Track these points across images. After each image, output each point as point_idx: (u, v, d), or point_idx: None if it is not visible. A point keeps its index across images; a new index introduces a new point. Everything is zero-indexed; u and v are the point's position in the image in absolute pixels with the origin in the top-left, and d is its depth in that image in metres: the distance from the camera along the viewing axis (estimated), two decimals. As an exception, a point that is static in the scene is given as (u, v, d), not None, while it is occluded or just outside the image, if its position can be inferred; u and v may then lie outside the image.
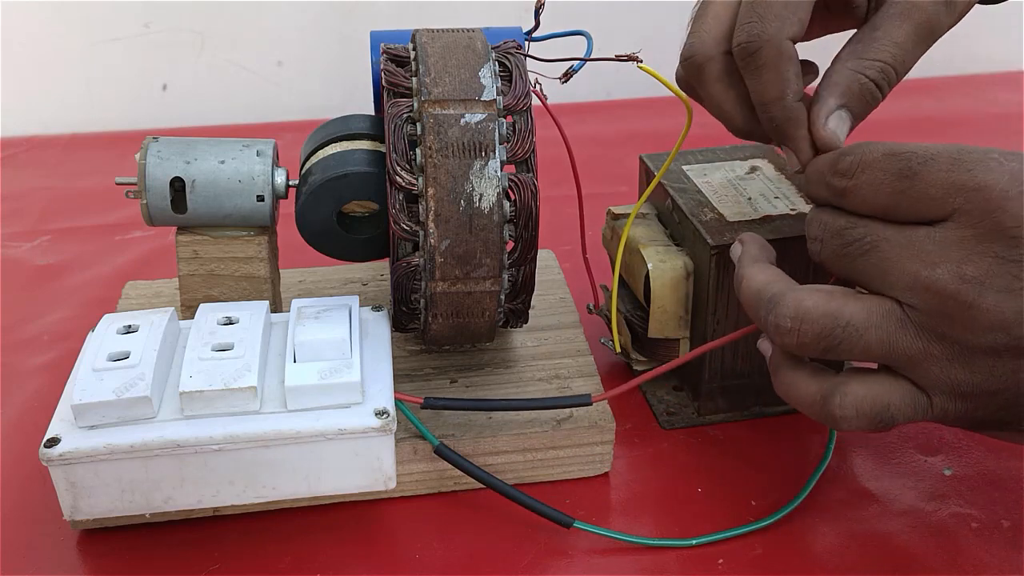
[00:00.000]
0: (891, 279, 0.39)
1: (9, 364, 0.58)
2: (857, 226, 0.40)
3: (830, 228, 0.41)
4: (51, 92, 0.90)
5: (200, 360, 0.43)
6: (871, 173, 0.40)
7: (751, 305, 0.42)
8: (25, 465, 0.49)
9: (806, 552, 0.45)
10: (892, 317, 0.39)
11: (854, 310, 0.39)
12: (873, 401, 0.40)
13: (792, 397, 0.42)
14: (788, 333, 0.40)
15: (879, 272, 0.39)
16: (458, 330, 0.48)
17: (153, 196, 0.47)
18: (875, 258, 0.39)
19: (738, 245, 0.46)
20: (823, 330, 0.39)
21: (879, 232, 0.40)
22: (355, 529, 0.47)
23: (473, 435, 0.47)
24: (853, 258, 0.40)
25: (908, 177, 0.39)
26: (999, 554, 0.45)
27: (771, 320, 0.40)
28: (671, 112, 0.76)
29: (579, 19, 0.54)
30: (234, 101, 0.92)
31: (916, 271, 0.38)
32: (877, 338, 0.39)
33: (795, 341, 0.40)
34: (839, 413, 0.40)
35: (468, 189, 0.44)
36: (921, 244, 0.38)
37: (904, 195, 0.39)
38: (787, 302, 0.40)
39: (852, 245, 0.40)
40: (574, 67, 0.48)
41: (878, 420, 0.40)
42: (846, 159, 0.41)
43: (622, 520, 0.47)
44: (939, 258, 0.38)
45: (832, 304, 0.40)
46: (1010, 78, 0.95)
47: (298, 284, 0.59)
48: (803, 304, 0.40)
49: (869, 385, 0.40)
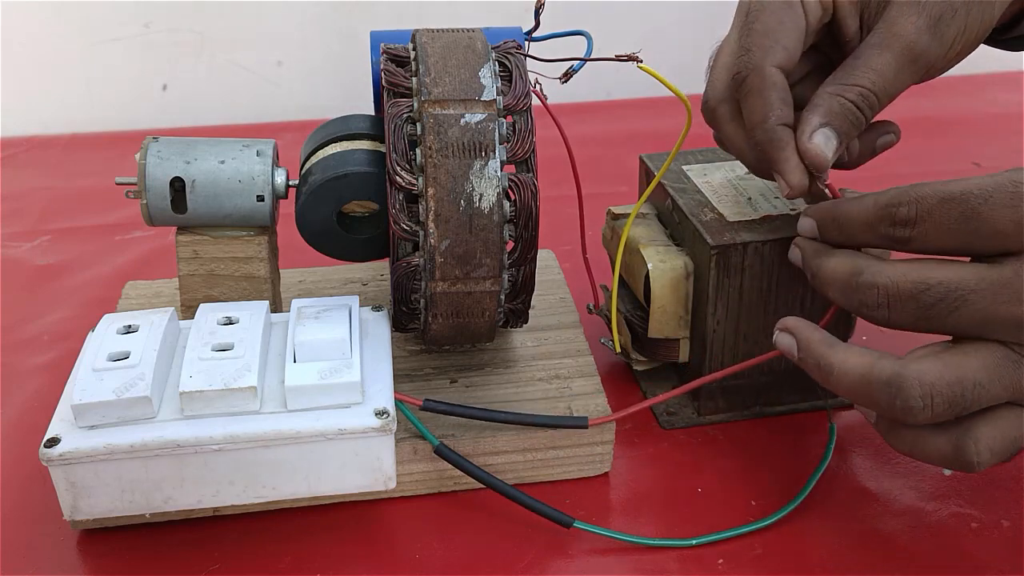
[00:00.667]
0: (992, 327, 0.39)
1: (9, 364, 0.58)
2: (931, 285, 0.40)
3: (896, 294, 0.40)
4: (51, 92, 0.90)
5: (200, 360, 0.43)
6: (932, 221, 0.40)
7: (862, 393, 0.41)
8: (25, 465, 0.49)
9: (806, 552, 0.45)
10: (1008, 361, 0.39)
11: (975, 368, 0.39)
12: (1003, 438, 0.40)
13: (919, 453, 0.42)
14: (921, 412, 0.39)
15: (977, 324, 0.39)
16: (458, 330, 0.48)
17: (153, 196, 0.47)
18: (968, 312, 0.39)
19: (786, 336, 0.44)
20: (954, 399, 0.39)
21: (963, 285, 0.39)
22: (355, 529, 0.47)
23: (473, 435, 0.47)
24: (940, 318, 0.40)
25: (972, 219, 0.39)
26: (999, 554, 0.45)
27: (898, 405, 0.39)
28: (671, 112, 0.76)
29: (579, 19, 0.54)
30: (234, 101, 0.92)
31: (1019, 313, 0.38)
32: (1002, 387, 0.39)
33: (929, 416, 0.39)
34: (976, 460, 0.40)
35: (468, 189, 0.44)
36: (1011, 284, 0.39)
37: (974, 235, 0.39)
38: (911, 384, 0.39)
39: (936, 307, 0.40)
40: (574, 67, 0.48)
41: (1009, 454, 0.41)
42: (902, 209, 0.41)
43: (622, 520, 0.47)
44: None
45: (952, 371, 0.39)
46: (1010, 78, 0.95)
47: (298, 284, 0.59)
48: (926, 379, 0.39)
49: (994, 424, 0.40)
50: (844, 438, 0.51)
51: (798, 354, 0.43)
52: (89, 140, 0.87)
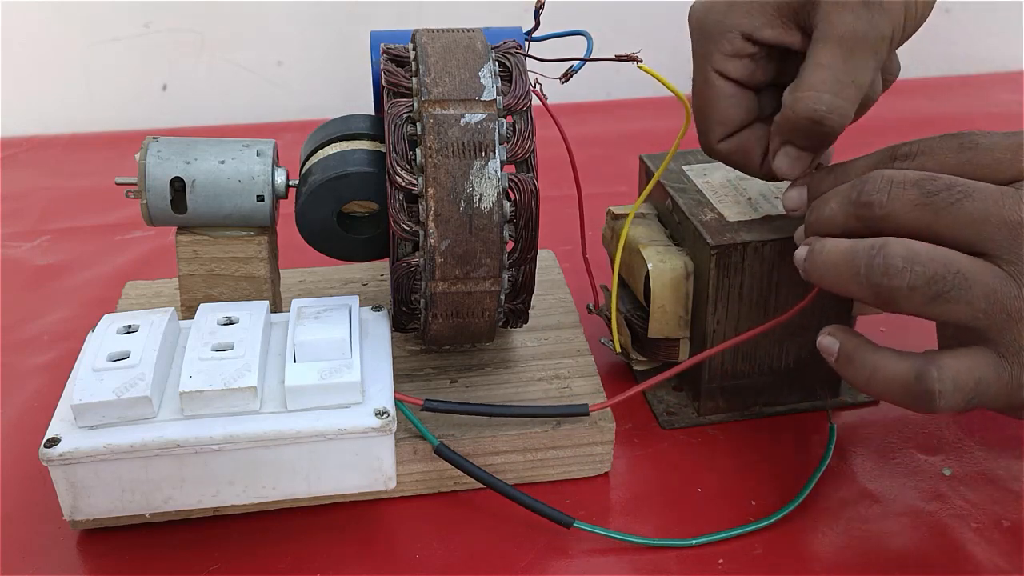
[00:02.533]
0: (988, 231, 0.38)
1: (9, 364, 0.58)
2: (939, 176, 0.39)
3: (900, 179, 0.40)
4: (51, 92, 0.90)
5: (200, 360, 0.43)
6: (931, 153, 0.41)
7: (845, 260, 0.40)
8: (25, 465, 0.49)
9: (806, 552, 0.45)
10: (997, 275, 0.38)
11: (965, 262, 0.38)
12: (967, 374, 0.39)
13: (878, 380, 0.40)
14: (899, 273, 0.38)
15: (974, 223, 0.38)
16: (458, 330, 0.48)
17: (153, 196, 0.47)
18: (970, 207, 0.38)
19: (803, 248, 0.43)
20: (935, 274, 0.38)
21: (969, 183, 0.39)
22: (355, 529, 0.47)
23: (473, 435, 0.47)
24: (941, 208, 0.39)
25: (971, 149, 0.40)
26: (999, 554, 0.45)
27: (879, 262, 0.38)
28: (671, 112, 0.76)
29: (579, 19, 0.54)
30: (234, 101, 0.92)
31: (1020, 218, 0.38)
32: (983, 292, 0.38)
33: (906, 283, 0.38)
34: (938, 387, 0.38)
35: (468, 189, 0.44)
36: (1013, 196, 0.38)
37: (970, 163, 0.40)
38: (896, 243, 0.39)
39: (940, 194, 0.39)
40: (574, 67, 0.48)
41: (971, 395, 0.39)
42: (903, 147, 0.42)
43: (622, 520, 0.47)
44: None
45: (941, 252, 0.38)
46: (1010, 78, 0.95)
47: (298, 284, 0.59)
48: (913, 247, 0.38)
49: (960, 359, 0.39)
50: (844, 438, 0.51)
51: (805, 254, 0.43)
52: (89, 140, 0.87)
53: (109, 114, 0.90)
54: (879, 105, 0.51)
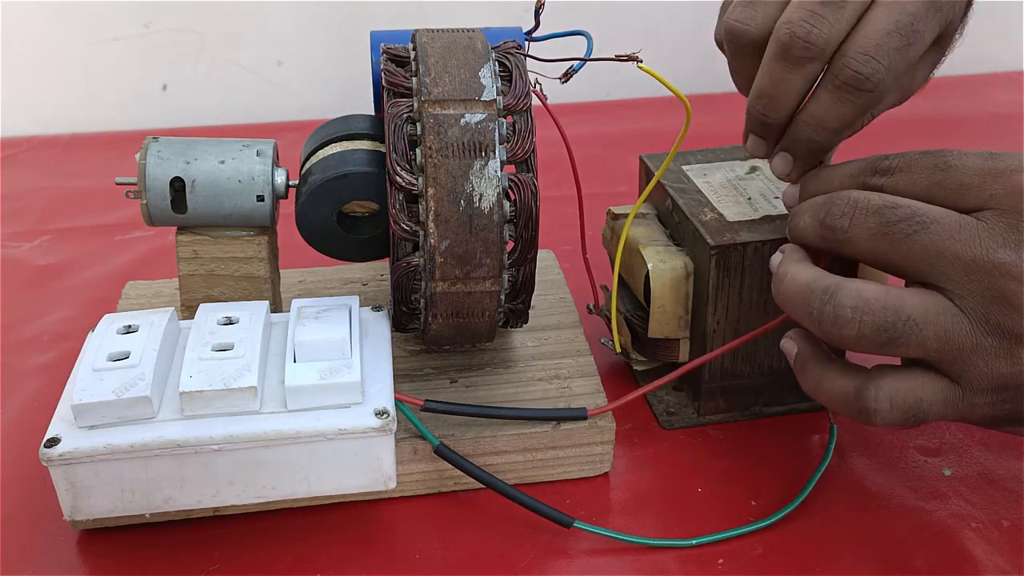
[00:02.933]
0: (942, 265, 0.39)
1: (9, 364, 0.58)
2: (901, 205, 0.40)
3: (864, 205, 0.41)
4: (51, 92, 0.90)
5: (200, 360, 0.43)
6: (908, 170, 0.41)
7: (800, 298, 0.41)
8: (25, 465, 0.49)
9: (806, 552, 0.45)
10: (948, 312, 0.39)
11: (914, 304, 0.39)
12: (907, 394, 0.40)
13: (822, 392, 0.42)
14: (848, 324, 0.39)
15: (928, 256, 0.39)
16: (458, 330, 0.48)
17: (153, 196, 0.47)
18: (925, 240, 0.39)
19: (778, 254, 0.45)
20: (884, 323, 0.39)
21: (928, 214, 0.39)
22: (355, 529, 0.47)
23: (473, 435, 0.47)
24: (897, 239, 0.40)
25: (942, 169, 0.41)
26: (999, 554, 0.45)
27: (828, 310, 0.39)
28: (671, 112, 0.76)
29: (579, 19, 0.54)
30: (234, 101, 0.92)
31: (974, 255, 0.38)
32: (934, 333, 0.39)
33: (854, 332, 0.39)
34: (873, 406, 0.40)
35: (468, 189, 0.44)
36: (972, 230, 0.39)
37: (940, 185, 0.40)
38: (846, 292, 0.39)
39: (897, 225, 0.39)
40: (574, 67, 0.48)
41: (911, 414, 0.40)
42: (886, 161, 0.42)
43: (622, 520, 0.47)
44: (994, 243, 0.38)
45: (892, 297, 0.39)
46: (1010, 78, 0.95)
47: (298, 284, 0.59)
48: (863, 294, 0.39)
49: (902, 379, 0.40)
50: (844, 438, 0.51)
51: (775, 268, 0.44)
52: (89, 140, 0.87)
53: (109, 114, 0.90)
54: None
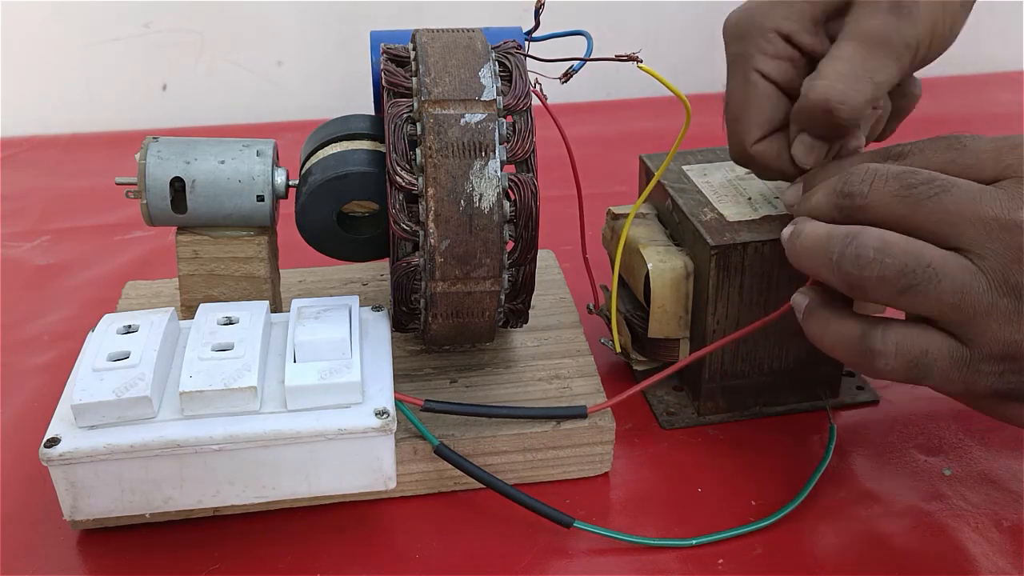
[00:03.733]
0: (963, 226, 0.39)
1: (9, 364, 0.58)
2: (920, 171, 0.40)
3: (884, 171, 0.41)
4: (51, 92, 0.90)
5: (200, 360, 0.43)
6: (921, 153, 0.42)
7: (820, 246, 0.41)
8: (25, 465, 0.49)
9: (806, 552, 0.45)
10: (968, 270, 0.39)
11: (935, 255, 0.39)
12: (914, 343, 0.40)
13: (827, 335, 0.42)
14: (870, 264, 0.39)
15: (950, 216, 0.39)
16: (458, 330, 0.48)
17: (153, 196, 0.47)
18: (946, 201, 0.39)
19: (789, 226, 0.44)
20: (905, 267, 0.38)
21: (949, 179, 0.40)
22: (355, 529, 0.47)
23: (473, 435, 0.47)
24: (918, 201, 0.39)
25: (957, 148, 0.41)
26: (999, 554, 0.45)
27: (850, 251, 0.39)
28: (671, 112, 0.76)
29: (579, 19, 0.55)
30: (234, 101, 0.92)
31: (996, 214, 0.38)
32: (951, 287, 0.39)
33: (875, 273, 0.39)
34: (879, 347, 0.40)
35: (468, 189, 0.44)
36: (991, 194, 0.39)
37: (954, 163, 0.41)
38: (869, 234, 0.39)
39: (918, 187, 0.40)
40: (574, 67, 0.48)
41: (915, 365, 0.40)
42: (896, 147, 0.43)
43: (622, 520, 0.47)
44: (1015, 205, 0.38)
45: (914, 244, 0.39)
46: (1010, 78, 0.95)
47: (298, 284, 0.59)
48: (886, 237, 0.39)
49: (911, 329, 0.40)
50: (844, 438, 0.51)
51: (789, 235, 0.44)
52: (89, 140, 0.87)
53: (109, 114, 0.90)
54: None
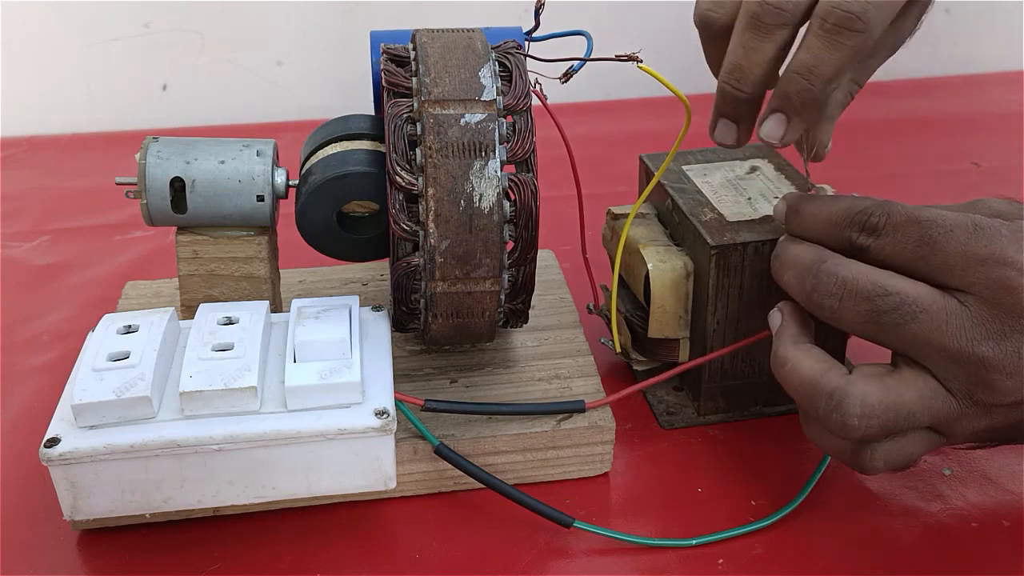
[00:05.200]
0: (931, 353, 0.41)
1: (9, 364, 0.58)
2: (891, 292, 0.41)
3: (853, 287, 0.42)
4: (51, 92, 0.90)
5: (200, 360, 0.43)
6: (893, 237, 0.42)
7: (806, 395, 0.42)
8: (25, 465, 0.49)
9: (806, 552, 0.45)
10: (938, 395, 0.41)
11: (911, 397, 0.41)
12: (899, 454, 0.43)
13: (821, 445, 0.44)
14: (855, 429, 0.41)
15: (917, 344, 0.41)
16: (458, 330, 0.48)
17: (153, 196, 0.47)
18: (915, 330, 0.41)
19: (777, 314, 0.46)
20: (887, 423, 0.41)
21: (918, 301, 0.41)
22: (355, 529, 0.47)
23: (473, 435, 0.47)
24: (888, 327, 0.41)
25: (927, 245, 0.41)
26: (999, 554, 0.45)
27: (835, 418, 0.41)
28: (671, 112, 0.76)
29: (579, 19, 0.55)
30: (234, 101, 0.92)
31: (960, 347, 0.40)
32: (929, 416, 0.41)
33: (861, 435, 0.41)
34: (869, 466, 0.42)
35: (468, 189, 0.44)
36: (958, 319, 0.40)
37: (924, 261, 0.41)
38: (852, 401, 0.41)
39: (889, 314, 0.41)
40: (574, 67, 0.48)
41: (903, 466, 0.43)
42: (874, 218, 0.42)
43: (622, 520, 0.47)
44: (978, 334, 0.40)
45: (892, 396, 0.41)
46: (1010, 78, 0.95)
47: (298, 284, 0.59)
48: (867, 401, 0.41)
49: (896, 441, 0.42)
50: (844, 438, 0.51)
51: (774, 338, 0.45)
52: (89, 140, 0.87)
53: (109, 114, 0.90)
54: (879, 105, 0.52)
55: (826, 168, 0.52)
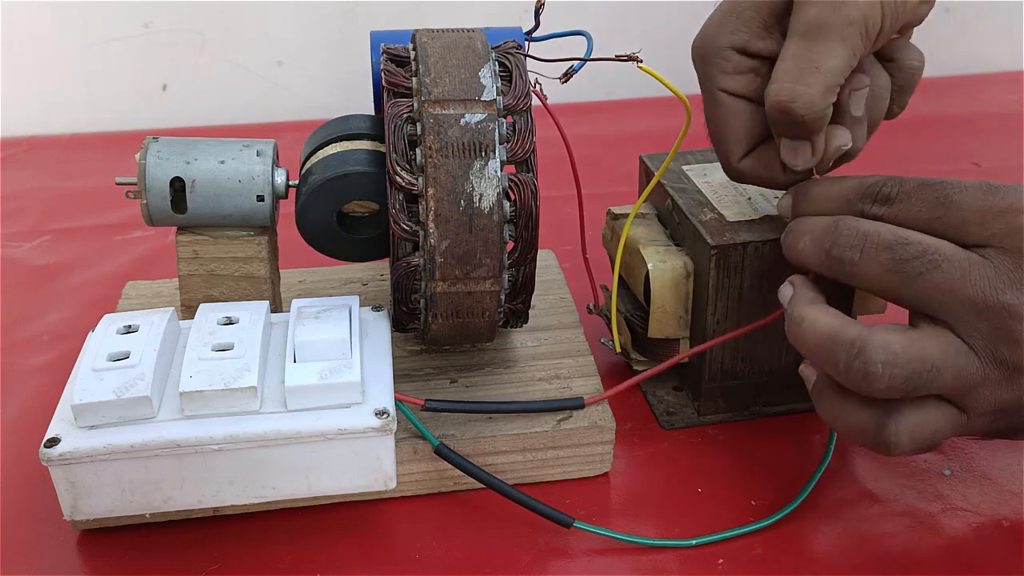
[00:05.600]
0: (951, 304, 0.40)
1: (9, 364, 0.58)
2: (912, 241, 0.40)
3: (874, 239, 0.41)
4: (51, 92, 0.90)
5: (200, 360, 0.43)
6: (908, 202, 0.41)
7: (825, 349, 0.41)
8: (25, 465, 0.49)
9: (806, 552, 0.45)
10: (962, 352, 0.40)
11: (935, 351, 0.40)
12: (924, 427, 0.41)
13: (841, 423, 0.42)
14: (878, 379, 0.39)
15: (939, 294, 0.40)
16: (458, 330, 0.48)
17: (153, 196, 0.47)
18: (937, 279, 0.40)
19: (788, 287, 0.45)
20: (912, 374, 0.39)
21: (940, 250, 0.40)
22: (355, 529, 0.47)
23: (473, 435, 0.47)
24: (909, 276, 0.40)
25: (943, 204, 0.41)
26: (999, 554, 0.45)
27: (857, 366, 0.40)
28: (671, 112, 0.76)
29: (579, 19, 0.55)
30: (234, 101, 0.92)
31: (984, 296, 0.39)
32: (952, 375, 0.40)
33: (884, 385, 0.39)
34: (894, 440, 0.41)
35: (468, 189, 0.44)
36: (981, 269, 0.39)
37: (940, 221, 0.41)
38: (875, 347, 0.39)
39: (910, 262, 0.40)
40: (574, 67, 0.48)
41: (926, 445, 0.41)
42: (886, 187, 0.42)
43: (622, 520, 0.47)
44: (1001, 283, 0.39)
45: (915, 347, 0.40)
46: (1010, 78, 0.95)
47: (298, 284, 0.59)
48: (891, 347, 0.39)
49: (919, 413, 0.41)
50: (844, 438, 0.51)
51: (787, 305, 0.44)
52: (89, 140, 0.87)
53: (109, 114, 0.90)
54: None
55: (826, 168, 0.52)
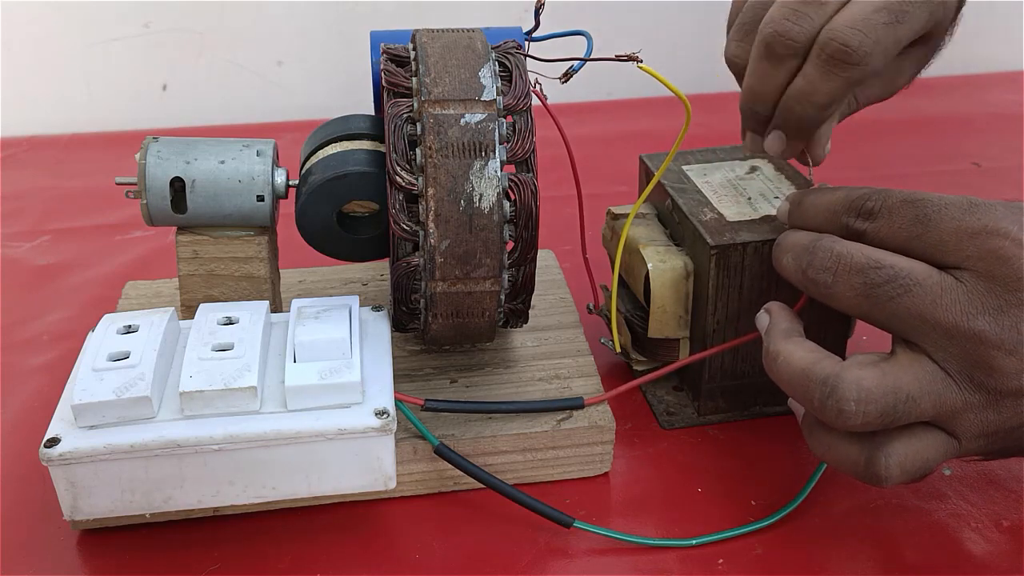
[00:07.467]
0: (925, 329, 0.40)
1: (9, 364, 0.58)
2: (884, 264, 0.41)
3: (847, 261, 0.41)
4: (51, 92, 0.90)
5: (200, 360, 0.43)
6: (889, 218, 0.42)
7: (799, 386, 0.41)
8: (25, 465, 0.49)
9: (806, 552, 0.45)
10: (937, 378, 0.40)
11: (908, 381, 0.40)
12: (915, 458, 0.41)
13: (831, 458, 0.42)
14: (852, 416, 0.39)
15: (911, 319, 0.40)
16: (458, 330, 0.48)
17: (153, 196, 0.47)
18: (908, 304, 0.40)
19: (764, 315, 0.46)
20: (887, 408, 0.39)
21: (911, 275, 0.40)
22: (355, 529, 0.47)
23: (473, 435, 0.47)
24: (881, 300, 0.40)
25: (922, 222, 0.41)
26: (999, 554, 0.45)
27: (831, 405, 0.40)
28: (671, 112, 0.76)
29: (579, 19, 0.54)
30: (234, 101, 0.92)
31: (955, 322, 0.39)
32: (930, 403, 0.40)
33: (860, 422, 0.40)
34: (884, 474, 0.41)
35: (468, 189, 0.44)
36: (953, 294, 0.39)
37: (918, 239, 0.41)
38: (847, 385, 0.40)
39: (882, 287, 0.40)
40: (574, 67, 0.48)
41: (919, 474, 0.41)
42: (870, 202, 0.42)
43: (622, 520, 0.47)
44: (973, 308, 0.39)
45: (888, 380, 0.40)
46: (1010, 78, 0.95)
47: (298, 284, 0.59)
48: (863, 385, 0.39)
49: (909, 443, 0.41)
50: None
51: (763, 336, 0.45)
52: (89, 140, 0.87)
53: (109, 114, 0.90)
54: (879, 106, 0.52)
55: (826, 168, 0.52)
